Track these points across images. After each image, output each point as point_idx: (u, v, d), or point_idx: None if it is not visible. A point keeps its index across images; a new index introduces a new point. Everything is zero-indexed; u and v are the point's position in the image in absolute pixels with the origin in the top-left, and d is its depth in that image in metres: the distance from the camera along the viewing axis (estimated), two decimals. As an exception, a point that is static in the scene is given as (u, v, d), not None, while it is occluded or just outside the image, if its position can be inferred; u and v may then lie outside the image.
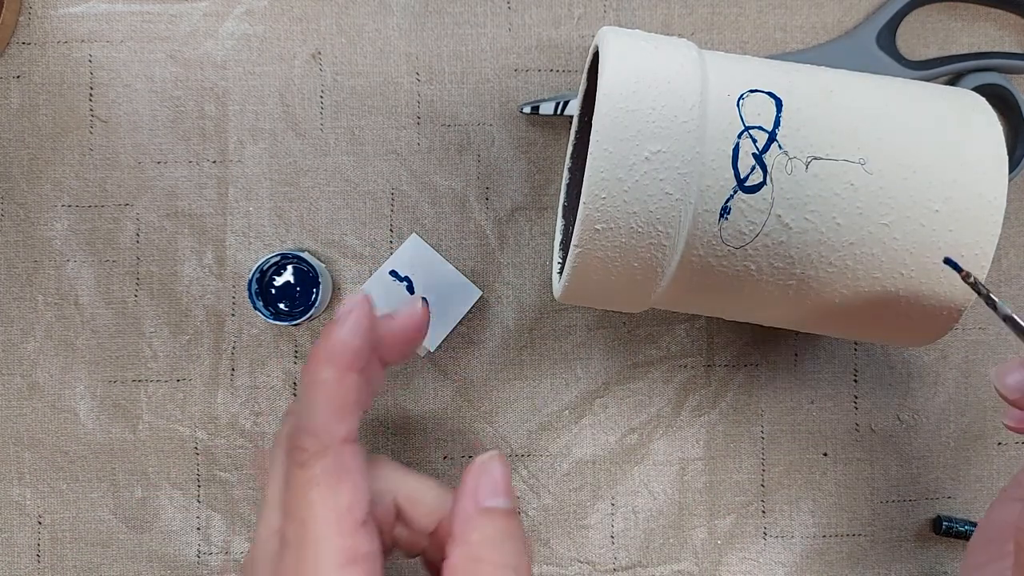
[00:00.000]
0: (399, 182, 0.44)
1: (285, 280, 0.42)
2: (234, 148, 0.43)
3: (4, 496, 0.43)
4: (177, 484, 0.43)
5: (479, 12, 0.44)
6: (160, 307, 0.43)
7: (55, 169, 0.43)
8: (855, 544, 0.44)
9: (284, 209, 0.43)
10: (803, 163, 0.31)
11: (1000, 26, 0.44)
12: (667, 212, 0.31)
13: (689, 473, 0.44)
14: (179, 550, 0.43)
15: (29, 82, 0.43)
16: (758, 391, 0.44)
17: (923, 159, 0.32)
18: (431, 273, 0.43)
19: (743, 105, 0.32)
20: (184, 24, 0.44)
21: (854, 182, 0.31)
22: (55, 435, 0.43)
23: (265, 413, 0.43)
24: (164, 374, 0.43)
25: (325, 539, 0.27)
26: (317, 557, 0.27)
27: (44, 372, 0.43)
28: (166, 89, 0.43)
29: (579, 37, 0.44)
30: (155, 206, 0.43)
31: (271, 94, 0.43)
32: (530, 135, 0.44)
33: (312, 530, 0.27)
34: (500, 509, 0.29)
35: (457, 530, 0.29)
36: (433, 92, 0.44)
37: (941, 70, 0.43)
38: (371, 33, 0.44)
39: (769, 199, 0.31)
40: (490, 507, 0.29)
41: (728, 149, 0.31)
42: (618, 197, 0.31)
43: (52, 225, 0.43)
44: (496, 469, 0.30)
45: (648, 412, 0.44)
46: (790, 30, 0.44)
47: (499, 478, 0.30)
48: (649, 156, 0.30)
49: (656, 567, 0.43)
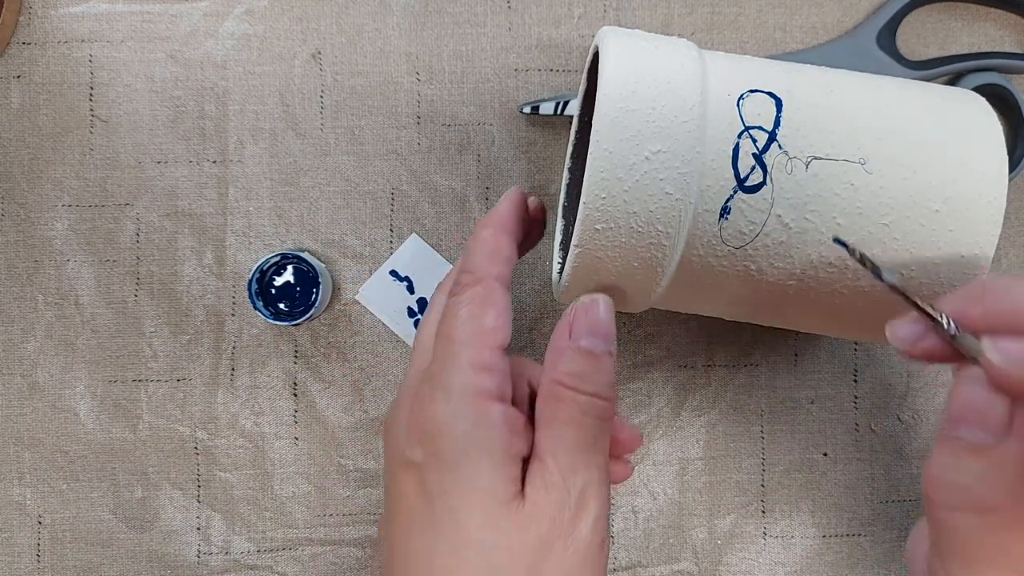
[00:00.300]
0: (399, 182, 0.44)
1: (285, 280, 0.42)
2: (234, 148, 0.43)
3: (4, 496, 0.43)
4: (177, 484, 0.43)
5: (479, 12, 0.44)
6: (160, 307, 0.43)
7: (55, 169, 0.43)
8: (855, 544, 0.44)
9: (284, 209, 0.43)
10: (803, 163, 0.31)
11: (1000, 26, 0.44)
12: (667, 212, 0.31)
13: (689, 473, 0.44)
14: (179, 550, 0.43)
15: (29, 82, 0.43)
16: (758, 391, 0.44)
17: (923, 159, 0.32)
18: (431, 273, 0.43)
19: (743, 105, 0.32)
20: (184, 24, 0.44)
21: (854, 182, 0.31)
22: (55, 435, 0.43)
23: (265, 413, 0.43)
24: (164, 374, 0.43)
25: (465, 345, 0.30)
26: (456, 359, 0.30)
27: (44, 372, 0.43)
28: (166, 89, 0.43)
29: (579, 37, 0.44)
30: (155, 206, 0.43)
31: (271, 94, 0.43)
32: (530, 135, 0.44)
33: (456, 339, 0.30)
34: (591, 349, 0.30)
35: (548, 361, 0.31)
36: (433, 92, 0.44)
37: (941, 70, 0.43)
38: (371, 33, 0.44)
39: (769, 199, 0.31)
40: (582, 345, 0.30)
41: (728, 149, 0.31)
42: (618, 197, 0.31)
43: (52, 225, 0.43)
44: (597, 310, 0.31)
45: (648, 412, 0.44)
46: (790, 30, 0.44)
47: (597, 319, 0.31)
48: (649, 156, 0.30)
49: (656, 567, 0.43)
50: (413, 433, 0.30)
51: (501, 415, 0.29)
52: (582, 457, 0.30)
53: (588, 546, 0.30)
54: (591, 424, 0.30)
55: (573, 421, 0.30)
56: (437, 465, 0.29)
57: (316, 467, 0.43)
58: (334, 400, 0.43)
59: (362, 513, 0.43)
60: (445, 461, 0.29)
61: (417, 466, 0.30)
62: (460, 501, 0.29)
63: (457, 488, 0.29)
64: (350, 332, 0.43)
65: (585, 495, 0.29)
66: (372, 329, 0.43)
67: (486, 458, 0.29)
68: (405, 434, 0.30)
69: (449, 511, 0.29)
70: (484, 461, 0.29)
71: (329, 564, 0.43)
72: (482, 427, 0.29)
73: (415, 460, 0.30)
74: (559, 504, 0.29)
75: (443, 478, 0.29)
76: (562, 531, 0.29)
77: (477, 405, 0.29)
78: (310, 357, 0.43)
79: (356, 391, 0.43)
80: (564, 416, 0.30)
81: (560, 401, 0.30)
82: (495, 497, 0.29)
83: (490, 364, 0.30)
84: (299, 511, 0.43)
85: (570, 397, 0.30)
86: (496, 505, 0.28)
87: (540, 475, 0.29)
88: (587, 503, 0.29)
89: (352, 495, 0.43)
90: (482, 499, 0.29)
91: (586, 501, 0.29)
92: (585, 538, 0.29)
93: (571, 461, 0.29)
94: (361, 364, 0.43)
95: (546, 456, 0.30)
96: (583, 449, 0.30)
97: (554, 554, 0.29)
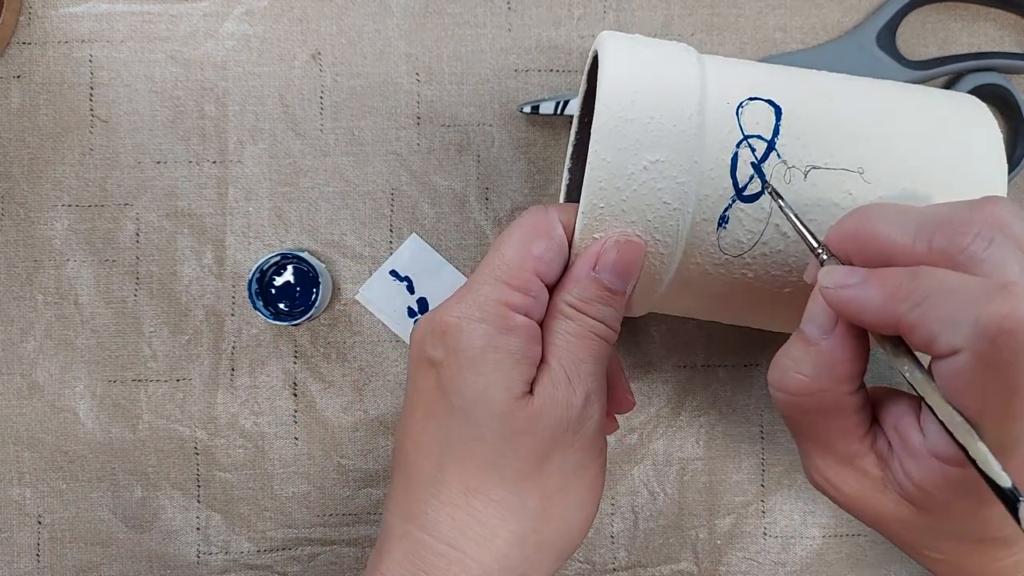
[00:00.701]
0: (399, 182, 0.44)
1: (285, 280, 0.42)
2: (234, 148, 0.43)
3: (4, 496, 0.43)
4: (177, 484, 0.43)
5: (479, 12, 0.44)
6: (160, 307, 0.43)
7: (55, 169, 0.43)
8: (855, 544, 0.44)
9: (284, 209, 0.43)
10: (802, 172, 0.31)
11: (1000, 26, 0.44)
12: (665, 221, 0.31)
13: (689, 473, 0.44)
14: (179, 550, 0.43)
15: (29, 82, 0.43)
16: (758, 391, 0.44)
17: (922, 168, 0.32)
18: (431, 273, 0.43)
19: (742, 114, 0.31)
20: (184, 24, 0.44)
21: (852, 191, 0.31)
22: (55, 435, 0.43)
23: (265, 413, 0.43)
24: (164, 374, 0.43)
25: (507, 263, 0.31)
26: (494, 271, 0.31)
27: (44, 372, 0.43)
28: (166, 89, 0.43)
29: (579, 38, 0.44)
30: (155, 206, 0.43)
31: (271, 94, 0.43)
32: (530, 135, 0.44)
33: (501, 253, 0.31)
34: (609, 285, 0.31)
35: (565, 284, 0.32)
36: (433, 92, 0.44)
37: (941, 70, 0.43)
38: (371, 33, 0.44)
39: (767, 208, 0.31)
40: (603, 280, 0.31)
41: (727, 158, 0.31)
42: (616, 207, 0.30)
43: (52, 225, 0.43)
44: (626, 252, 0.31)
45: (648, 412, 0.44)
46: (790, 30, 0.44)
47: (621, 260, 0.31)
48: (647, 166, 0.30)
49: (656, 567, 0.43)
50: (436, 331, 0.31)
51: (523, 323, 0.31)
52: (586, 367, 0.31)
53: (592, 444, 0.32)
54: (596, 342, 0.31)
55: (580, 335, 0.31)
56: (455, 361, 0.30)
57: (316, 467, 0.43)
58: (334, 400, 0.43)
59: (362, 513, 0.43)
60: (464, 358, 0.30)
61: (437, 364, 0.31)
62: (474, 396, 0.30)
63: (473, 384, 0.30)
64: (350, 332, 0.43)
65: (590, 399, 0.31)
66: (372, 329, 0.43)
67: (504, 357, 0.30)
68: (430, 334, 0.31)
69: (464, 404, 0.30)
70: (502, 359, 0.30)
71: (329, 564, 0.43)
72: (503, 331, 0.30)
73: (436, 358, 0.31)
74: (566, 403, 0.30)
75: (460, 374, 0.30)
76: (569, 427, 0.31)
77: (501, 311, 0.30)
78: (310, 357, 0.43)
79: (356, 391, 0.43)
80: (572, 330, 0.31)
81: (569, 319, 0.31)
82: (508, 392, 0.30)
83: (524, 286, 0.31)
84: (299, 511, 0.43)
85: (580, 318, 0.31)
86: (508, 399, 0.30)
87: (548, 375, 0.31)
88: (591, 406, 0.31)
89: (352, 495, 0.43)
90: (496, 394, 0.30)
91: (590, 404, 0.31)
92: (590, 436, 0.31)
93: (576, 369, 0.31)
94: (361, 364, 0.43)
95: (552, 360, 0.31)
96: (587, 360, 0.31)
97: (560, 448, 0.31)
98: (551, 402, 0.30)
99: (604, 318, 0.32)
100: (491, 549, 0.30)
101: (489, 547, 0.30)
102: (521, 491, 0.30)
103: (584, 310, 0.31)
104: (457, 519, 0.30)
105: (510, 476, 0.30)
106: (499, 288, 0.31)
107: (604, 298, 0.31)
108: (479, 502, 0.30)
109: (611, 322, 0.32)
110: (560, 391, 0.30)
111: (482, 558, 0.30)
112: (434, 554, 0.30)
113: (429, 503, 0.31)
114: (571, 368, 0.31)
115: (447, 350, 0.31)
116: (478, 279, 0.31)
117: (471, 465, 0.30)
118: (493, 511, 0.30)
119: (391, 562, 0.31)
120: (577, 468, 0.31)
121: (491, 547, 0.30)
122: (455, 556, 0.30)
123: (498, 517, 0.30)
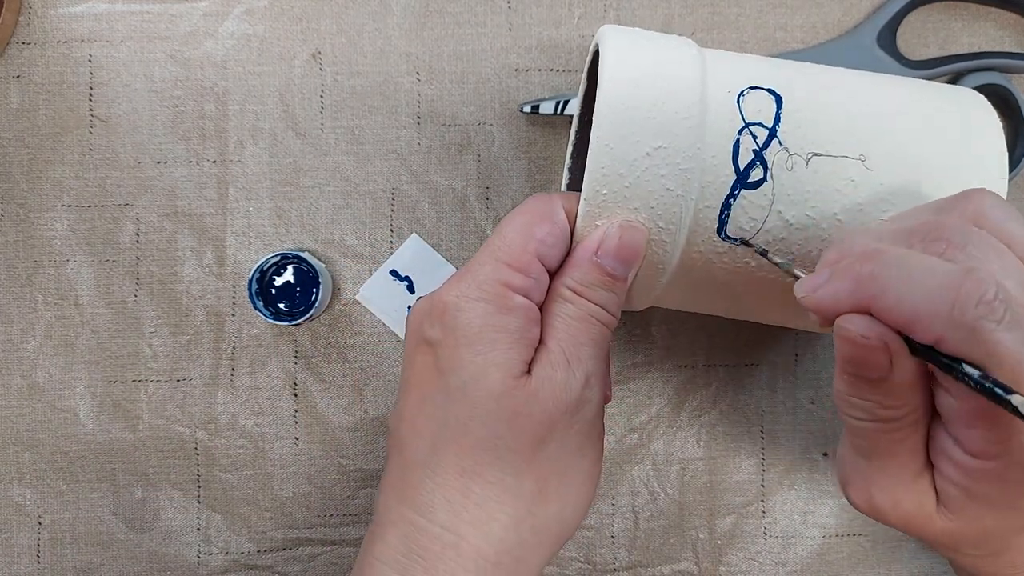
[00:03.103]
0: (399, 182, 0.44)
1: (285, 280, 0.42)
2: (234, 148, 0.43)
3: (4, 496, 0.43)
4: (177, 484, 0.43)
5: (479, 12, 0.44)
6: (160, 307, 0.43)
7: (55, 169, 0.43)
8: (855, 544, 0.44)
9: (284, 209, 0.43)
10: (804, 159, 0.31)
11: (1000, 26, 0.44)
12: (668, 208, 0.31)
13: (689, 473, 0.44)
14: (179, 550, 0.43)
15: (29, 82, 0.43)
16: (758, 391, 0.44)
17: (923, 156, 0.32)
18: (431, 273, 0.43)
19: (743, 102, 0.32)
20: (184, 24, 0.43)
21: (854, 178, 0.31)
22: (55, 435, 0.43)
23: (265, 413, 0.43)
24: (164, 374, 0.43)
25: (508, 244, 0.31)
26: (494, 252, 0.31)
27: (44, 372, 0.43)
28: (166, 89, 0.43)
29: (579, 37, 0.44)
30: (155, 206, 0.43)
31: (271, 94, 0.43)
32: (530, 135, 0.44)
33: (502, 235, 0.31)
34: (611, 271, 0.31)
35: (566, 268, 0.31)
36: (433, 92, 0.44)
37: (941, 70, 0.43)
38: (371, 33, 0.44)
39: (770, 195, 0.31)
40: (605, 266, 0.31)
41: (729, 145, 0.31)
42: (619, 193, 0.31)
43: (52, 225, 0.43)
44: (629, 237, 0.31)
45: (648, 412, 0.44)
46: (790, 29, 0.44)
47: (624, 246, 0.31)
48: (650, 152, 0.30)
49: (656, 567, 0.43)
50: (435, 311, 0.31)
51: (523, 303, 0.30)
52: (586, 351, 0.31)
53: (591, 429, 0.31)
54: (596, 327, 0.31)
55: (579, 318, 0.31)
56: (453, 341, 0.30)
57: (316, 467, 0.43)
58: (334, 400, 0.43)
59: (362, 513, 0.43)
60: (462, 337, 0.30)
61: (434, 344, 0.31)
62: (472, 375, 0.30)
63: (470, 363, 0.30)
64: (350, 332, 0.43)
65: (589, 382, 0.30)
66: (372, 329, 0.43)
67: (502, 336, 0.30)
68: (427, 314, 0.31)
69: (461, 384, 0.30)
70: (499, 339, 0.30)
71: (329, 564, 0.43)
72: (502, 311, 0.30)
73: (433, 338, 0.31)
74: (564, 384, 0.30)
75: (457, 353, 0.30)
76: (567, 409, 0.30)
77: (500, 291, 0.30)
78: (310, 357, 0.43)
79: (356, 391, 0.43)
80: (572, 313, 0.31)
81: (569, 303, 0.31)
82: (506, 372, 0.29)
83: (524, 268, 0.31)
84: (299, 511, 0.43)
85: (580, 302, 0.31)
86: (506, 379, 0.29)
87: (546, 356, 0.30)
88: (590, 389, 0.31)
89: (352, 495, 0.43)
90: (493, 373, 0.29)
91: (590, 387, 0.31)
92: (588, 420, 0.31)
93: (576, 352, 0.31)
94: (361, 364, 0.43)
95: (551, 342, 0.31)
96: (587, 344, 0.31)
97: (558, 430, 0.30)
98: (549, 383, 0.30)
99: (605, 303, 0.31)
100: (487, 532, 0.30)
101: (485, 530, 0.30)
102: (518, 473, 0.30)
103: (585, 294, 0.31)
104: (452, 501, 0.30)
105: (507, 458, 0.30)
106: (499, 268, 0.30)
107: (605, 283, 0.31)
108: (475, 484, 0.30)
109: (612, 308, 0.32)
110: (559, 372, 0.30)
111: (477, 541, 0.30)
112: (429, 537, 0.30)
113: (424, 485, 0.30)
114: (570, 351, 0.30)
115: (445, 329, 0.30)
116: (478, 260, 0.31)
117: (467, 446, 0.30)
118: (489, 493, 0.30)
119: (385, 545, 0.30)
120: (575, 452, 0.31)
121: (487, 530, 0.30)
122: (450, 539, 0.30)
123: (494, 499, 0.30)
